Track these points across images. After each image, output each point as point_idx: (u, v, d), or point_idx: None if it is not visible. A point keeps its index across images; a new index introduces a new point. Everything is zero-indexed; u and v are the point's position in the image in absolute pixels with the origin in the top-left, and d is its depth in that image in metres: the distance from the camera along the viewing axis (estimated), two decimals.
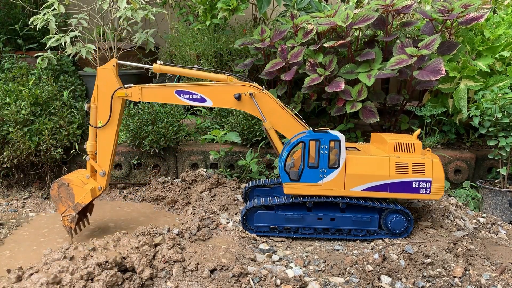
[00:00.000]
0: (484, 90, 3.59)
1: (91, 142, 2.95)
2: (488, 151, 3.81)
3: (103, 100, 2.88)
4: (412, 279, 2.33)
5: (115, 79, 2.88)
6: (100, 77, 2.88)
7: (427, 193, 2.78)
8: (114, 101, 2.88)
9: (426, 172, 2.76)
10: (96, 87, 2.88)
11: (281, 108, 2.95)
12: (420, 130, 3.04)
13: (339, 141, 2.74)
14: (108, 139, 2.91)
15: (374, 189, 2.78)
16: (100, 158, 2.93)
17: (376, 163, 2.77)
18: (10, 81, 4.22)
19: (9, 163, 3.69)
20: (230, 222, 2.98)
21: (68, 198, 2.88)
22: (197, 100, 2.92)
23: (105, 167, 2.94)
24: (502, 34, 3.81)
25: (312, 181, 2.78)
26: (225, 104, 2.94)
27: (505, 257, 2.75)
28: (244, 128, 3.85)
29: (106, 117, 2.88)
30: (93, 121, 2.91)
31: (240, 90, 2.90)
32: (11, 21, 5.11)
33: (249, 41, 4.16)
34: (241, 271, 2.30)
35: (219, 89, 2.91)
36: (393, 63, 3.55)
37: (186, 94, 2.91)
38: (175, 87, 2.90)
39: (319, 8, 4.63)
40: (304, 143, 2.76)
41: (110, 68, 2.88)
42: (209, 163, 3.94)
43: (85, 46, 4.31)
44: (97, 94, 2.88)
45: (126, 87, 2.88)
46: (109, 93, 2.86)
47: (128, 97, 2.88)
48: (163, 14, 5.08)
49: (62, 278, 2.10)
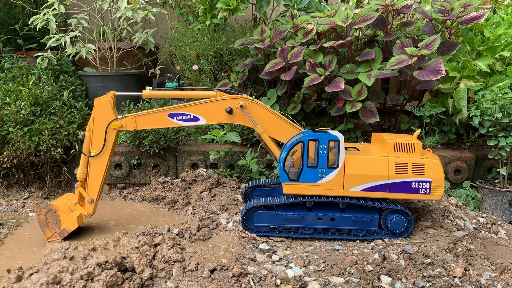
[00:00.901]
0: (484, 90, 3.59)
1: (82, 169, 2.97)
2: (488, 151, 3.81)
3: (98, 130, 2.91)
4: (412, 279, 2.33)
5: (112, 111, 2.91)
6: (98, 108, 2.91)
7: (426, 194, 2.78)
8: (108, 132, 2.92)
9: (426, 172, 2.76)
10: (93, 117, 2.92)
11: (273, 115, 2.97)
12: (420, 130, 3.03)
13: (338, 141, 2.74)
14: (100, 168, 2.95)
15: (373, 189, 2.78)
16: (90, 185, 2.96)
17: (375, 163, 2.77)
18: (10, 81, 4.22)
19: (9, 163, 3.69)
20: (230, 222, 2.98)
21: (54, 224, 2.92)
22: (191, 120, 2.95)
23: (94, 195, 2.96)
24: (502, 34, 3.81)
25: (311, 181, 2.78)
26: (218, 120, 2.97)
27: (505, 257, 2.75)
28: (244, 128, 3.85)
29: (100, 146, 2.92)
30: (86, 149, 2.94)
31: (231, 104, 2.92)
32: (11, 21, 5.11)
33: (249, 41, 4.16)
34: (241, 271, 2.30)
35: (210, 106, 2.93)
36: (393, 63, 3.55)
37: (179, 116, 2.94)
38: (167, 110, 2.92)
39: (319, 8, 4.63)
40: (303, 143, 2.77)
41: (108, 100, 2.91)
42: (209, 163, 3.94)
43: (85, 46, 4.31)
44: (92, 124, 2.92)
45: (119, 118, 2.91)
46: (104, 124, 2.90)
47: (123, 127, 2.92)
48: (163, 14, 5.08)
49: (62, 278, 2.10)
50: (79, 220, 2.92)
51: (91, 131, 2.93)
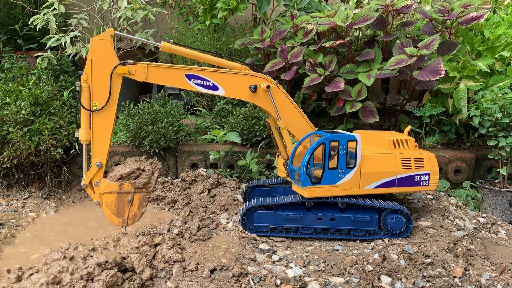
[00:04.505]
0: (484, 90, 3.59)
1: (84, 129, 2.51)
2: (488, 151, 3.81)
3: (98, 77, 2.46)
4: (412, 279, 2.33)
5: (114, 53, 2.49)
6: (95, 50, 2.44)
7: (426, 185, 2.94)
8: (113, 79, 2.47)
9: (425, 165, 2.91)
10: (89, 62, 2.45)
11: (292, 105, 2.83)
12: (410, 127, 3.18)
13: (356, 141, 2.75)
14: (106, 124, 2.50)
15: (384, 186, 2.86)
16: (96, 146, 2.52)
17: (386, 161, 2.86)
18: (10, 81, 4.22)
19: (9, 163, 3.69)
20: (230, 222, 2.98)
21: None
22: (208, 87, 2.65)
23: (102, 158, 2.53)
24: (502, 34, 3.81)
25: (331, 182, 2.77)
26: (238, 95, 2.72)
27: (505, 257, 2.75)
28: (244, 128, 3.85)
29: (102, 98, 2.47)
30: (85, 103, 2.48)
31: (256, 82, 2.72)
32: (11, 21, 5.11)
33: (249, 41, 4.16)
34: (241, 271, 2.30)
35: (234, 77, 2.68)
36: (392, 63, 3.55)
37: (197, 79, 2.62)
38: (186, 70, 2.60)
39: (319, 8, 4.63)
40: (325, 144, 2.71)
41: (108, 39, 2.47)
42: (209, 163, 3.94)
43: (85, 46, 4.31)
44: (90, 71, 2.46)
45: (129, 63, 2.50)
46: (106, 69, 2.46)
47: (130, 75, 2.51)
48: (163, 14, 5.08)
49: (62, 278, 2.10)
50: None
51: (89, 80, 2.46)
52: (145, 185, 2.66)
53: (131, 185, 2.62)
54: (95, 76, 2.46)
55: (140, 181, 2.64)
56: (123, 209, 2.64)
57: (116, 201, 2.61)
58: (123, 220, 2.65)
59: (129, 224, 2.67)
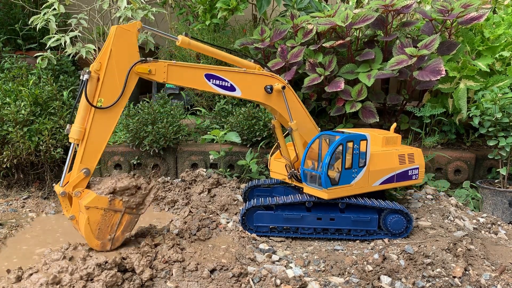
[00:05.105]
0: (484, 90, 3.58)
1: (79, 126, 2.16)
2: (488, 151, 3.81)
3: (113, 72, 2.18)
4: (412, 279, 2.33)
5: (137, 48, 2.24)
6: (118, 40, 2.17)
7: (416, 179, 3.11)
8: (130, 77, 2.22)
9: (416, 160, 3.10)
10: (108, 52, 2.16)
11: (301, 106, 2.80)
12: (396, 124, 3.30)
13: (366, 140, 2.78)
14: (107, 126, 2.21)
15: (387, 182, 2.96)
16: (88, 149, 2.20)
17: (388, 157, 2.97)
18: (10, 81, 4.22)
19: (9, 163, 3.69)
20: (230, 222, 2.98)
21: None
22: (227, 89, 2.54)
23: (91, 164, 2.21)
24: (502, 34, 3.81)
25: (347, 182, 2.79)
26: (254, 96, 2.61)
27: (505, 257, 2.75)
28: (244, 128, 3.85)
29: (110, 95, 2.19)
30: (90, 95, 2.15)
31: (271, 82, 2.62)
32: (11, 21, 5.11)
33: (249, 41, 4.16)
34: (241, 271, 2.29)
35: (250, 78, 2.59)
36: (393, 64, 3.55)
37: (216, 79, 2.49)
38: (206, 69, 2.48)
39: (319, 8, 4.63)
40: (343, 145, 2.70)
41: (134, 31, 2.23)
42: (209, 163, 3.94)
43: (85, 46, 4.31)
44: (106, 62, 2.16)
45: (150, 61, 2.26)
46: (125, 63, 2.20)
47: (150, 75, 2.26)
48: (163, 14, 5.08)
49: (62, 279, 2.10)
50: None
51: (101, 71, 2.16)
52: (137, 206, 2.38)
53: (123, 203, 2.31)
54: (109, 68, 2.17)
55: (134, 200, 2.36)
56: (106, 230, 2.29)
57: (101, 219, 2.25)
58: (103, 244, 2.30)
59: (110, 249, 2.34)
